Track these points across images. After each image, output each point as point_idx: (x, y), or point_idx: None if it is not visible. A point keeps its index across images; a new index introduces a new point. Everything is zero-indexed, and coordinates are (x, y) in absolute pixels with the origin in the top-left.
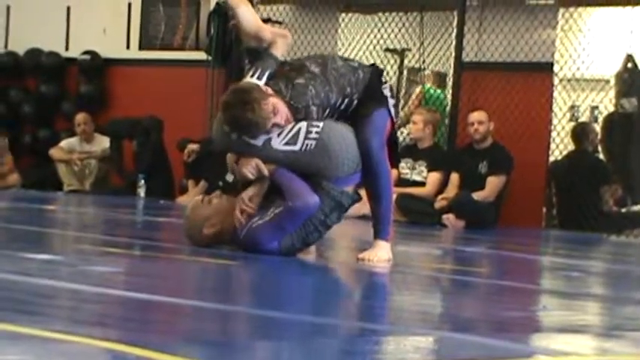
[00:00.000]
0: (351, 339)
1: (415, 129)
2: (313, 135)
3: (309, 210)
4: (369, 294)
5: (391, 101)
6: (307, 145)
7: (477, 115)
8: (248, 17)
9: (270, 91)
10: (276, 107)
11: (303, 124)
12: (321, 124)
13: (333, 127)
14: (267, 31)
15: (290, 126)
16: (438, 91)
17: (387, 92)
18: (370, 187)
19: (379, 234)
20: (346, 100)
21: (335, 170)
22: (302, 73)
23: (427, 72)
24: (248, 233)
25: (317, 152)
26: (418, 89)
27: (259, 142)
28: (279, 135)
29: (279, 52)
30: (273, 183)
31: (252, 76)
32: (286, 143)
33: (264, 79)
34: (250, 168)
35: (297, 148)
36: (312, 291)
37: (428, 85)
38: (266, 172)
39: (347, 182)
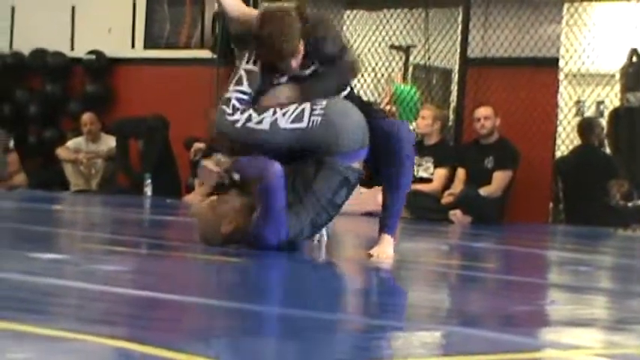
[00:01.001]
0: (359, 335)
1: (424, 124)
2: (318, 111)
3: (274, 179)
4: (377, 290)
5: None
6: (314, 121)
7: (483, 111)
8: (230, 2)
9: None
10: (300, 49)
11: (306, 104)
12: (324, 102)
13: (337, 102)
14: (253, 12)
15: (294, 106)
16: (407, 87)
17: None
18: (391, 177)
19: (388, 229)
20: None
21: (342, 145)
22: None
23: (394, 72)
24: (254, 231)
25: (323, 127)
26: (388, 88)
27: (266, 125)
28: (284, 114)
29: None
30: (240, 175)
31: (247, 62)
32: (293, 121)
33: (259, 62)
34: (212, 174)
35: (304, 125)
36: (320, 288)
37: (397, 83)
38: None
39: (353, 158)
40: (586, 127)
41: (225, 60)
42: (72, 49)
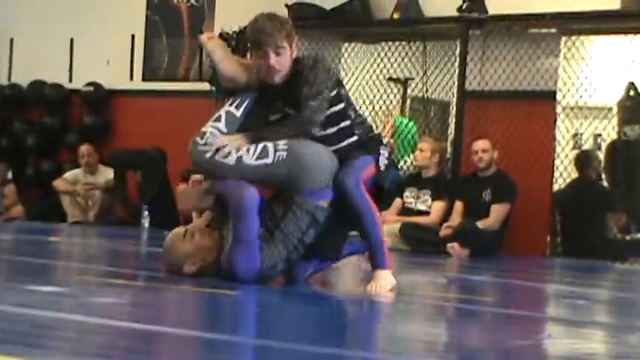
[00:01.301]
0: None
1: (422, 157)
2: (282, 147)
3: (249, 201)
4: (374, 323)
5: (383, 159)
6: (279, 156)
7: (481, 144)
8: (225, 64)
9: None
10: (286, 56)
11: (268, 143)
12: (285, 140)
13: (301, 141)
14: (244, 76)
15: (255, 145)
16: (405, 120)
17: (382, 151)
18: (357, 226)
19: (376, 265)
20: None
21: (309, 179)
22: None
23: (393, 104)
24: (226, 260)
25: (289, 161)
26: (391, 120)
27: (232, 160)
28: (248, 151)
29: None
30: (217, 197)
31: (230, 104)
32: (258, 157)
33: (242, 108)
34: (189, 195)
35: (269, 160)
36: (316, 320)
37: (398, 116)
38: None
39: (320, 196)
40: (583, 159)
41: (223, 92)
42: (70, 80)
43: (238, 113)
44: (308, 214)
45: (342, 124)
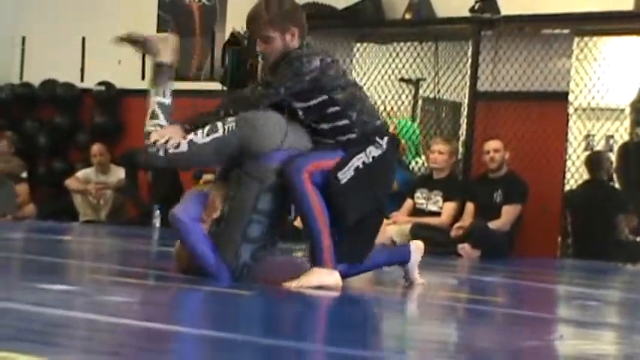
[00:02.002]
0: None
1: (441, 159)
2: (229, 120)
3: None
4: (385, 323)
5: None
6: (228, 128)
7: (493, 144)
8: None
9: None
10: (275, 45)
11: (216, 122)
12: (232, 117)
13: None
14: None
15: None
16: (409, 122)
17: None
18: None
19: (313, 260)
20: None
21: (260, 137)
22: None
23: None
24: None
25: (240, 126)
26: (395, 122)
27: (184, 147)
28: (196, 133)
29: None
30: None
31: (156, 95)
32: (207, 134)
33: (169, 93)
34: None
35: (219, 134)
36: (327, 320)
37: (401, 119)
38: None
39: (272, 159)
40: (595, 161)
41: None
42: (82, 80)
43: (167, 100)
44: (255, 180)
45: (340, 123)
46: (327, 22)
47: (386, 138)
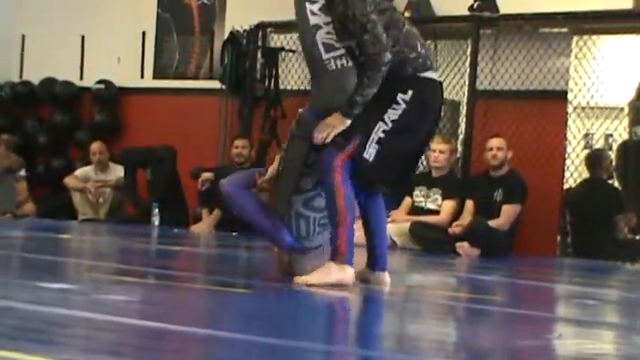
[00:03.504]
0: None
1: (442, 158)
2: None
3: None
4: (383, 322)
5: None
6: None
7: (496, 142)
8: None
9: None
10: None
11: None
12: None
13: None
14: None
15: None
16: None
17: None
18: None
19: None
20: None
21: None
22: None
23: None
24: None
25: (341, 75)
26: None
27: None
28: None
29: None
30: None
31: None
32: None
33: None
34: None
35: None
36: (325, 319)
37: None
38: None
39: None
40: (594, 159)
41: (234, 91)
42: (81, 78)
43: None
44: (304, 139)
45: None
46: None
47: (410, 92)
